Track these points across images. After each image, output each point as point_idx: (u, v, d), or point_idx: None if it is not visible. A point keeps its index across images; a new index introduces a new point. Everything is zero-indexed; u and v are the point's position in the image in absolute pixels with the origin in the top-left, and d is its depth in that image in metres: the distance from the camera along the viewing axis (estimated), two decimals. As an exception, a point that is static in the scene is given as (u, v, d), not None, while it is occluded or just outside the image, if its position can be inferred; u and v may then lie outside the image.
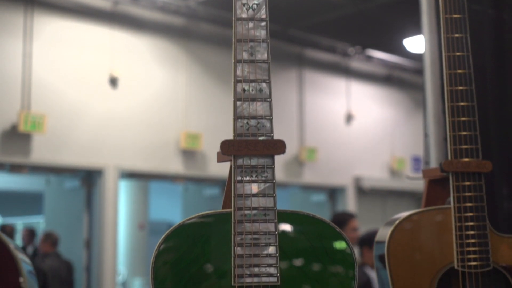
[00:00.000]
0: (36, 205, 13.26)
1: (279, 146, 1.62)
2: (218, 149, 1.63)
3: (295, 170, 9.65)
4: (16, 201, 15.37)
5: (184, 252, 1.60)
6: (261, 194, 1.60)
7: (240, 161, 1.61)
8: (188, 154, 8.52)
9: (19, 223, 14.27)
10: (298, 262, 1.62)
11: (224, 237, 1.60)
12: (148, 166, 8.23)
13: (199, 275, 1.59)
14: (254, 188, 1.60)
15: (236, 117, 1.63)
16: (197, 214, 1.63)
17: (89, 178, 8.03)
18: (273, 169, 1.62)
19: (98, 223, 7.84)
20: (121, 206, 9.43)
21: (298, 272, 1.61)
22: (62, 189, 8.40)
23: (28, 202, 15.10)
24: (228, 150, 1.61)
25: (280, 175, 9.27)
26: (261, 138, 1.62)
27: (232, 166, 1.62)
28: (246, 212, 1.59)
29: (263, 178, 1.61)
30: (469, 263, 1.99)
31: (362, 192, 10.53)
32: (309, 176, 9.83)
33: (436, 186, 2.22)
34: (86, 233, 7.93)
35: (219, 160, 1.74)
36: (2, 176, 12.77)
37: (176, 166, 8.43)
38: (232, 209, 1.60)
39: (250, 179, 1.61)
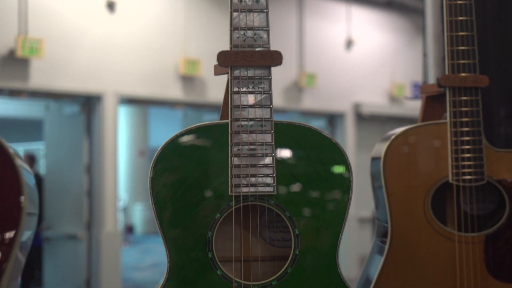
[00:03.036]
0: (36, 131, 13.29)
1: (276, 57, 1.61)
2: (217, 75, 1.63)
3: (294, 96, 9.63)
4: (16, 127, 15.41)
5: (180, 164, 1.61)
6: (257, 105, 1.61)
7: (236, 72, 1.61)
8: (187, 80, 8.48)
9: (20, 149, 14.34)
10: (294, 172, 1.63)
11: (220, 148, 1.62)
12: (147, 92, 8.21)
13: (196, 186, 1.61)
14: (251, 99, 1.61)
15: (233, 28, 1.62)
16: (193, 126, 1.63)
17: (88, 103, 8.02)
18: (269, 80, 1.62)
19: (98, 149, 7.88)
20: (121, 133, 9.45)
21: (293, 182, 1.63)
22: (61, 115, 8.39)
23: (28, 129, 15.14)
24: (225, 60, 1.60)
25: (279, 101, 9.26)
26: (258, 49, 1.62)
27: (229, 77, 1.62)
28: (243, 122, 1.60)
29: (260, 89, 1.61)
30: (464, 177, 2.01)
31: (361, 118, 10.54)
32: (309, 102, 9.82)
33: (434, 102, 2.22)
34: (87, 159, 7.98)
35: (217, 72, 1.73)
36: (2, 103, 12.77)
37: (175, 92, 8.41)
38: (229, 120, 1.61)
39: (246, 90, 1.61)
